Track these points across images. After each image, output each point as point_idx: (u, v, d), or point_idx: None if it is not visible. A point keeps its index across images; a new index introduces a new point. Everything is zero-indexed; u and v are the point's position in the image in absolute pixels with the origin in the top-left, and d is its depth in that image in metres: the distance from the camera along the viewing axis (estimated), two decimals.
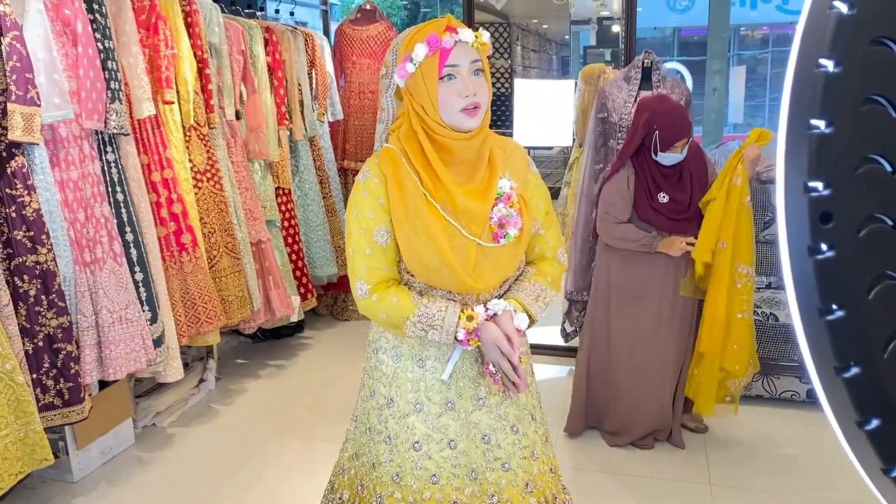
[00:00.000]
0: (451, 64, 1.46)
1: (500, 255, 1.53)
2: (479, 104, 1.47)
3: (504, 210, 1.53)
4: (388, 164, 1.50)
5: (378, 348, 1.67)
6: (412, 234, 1.47)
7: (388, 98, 1.60)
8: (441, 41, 1.44)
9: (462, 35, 1.46)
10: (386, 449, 1.62)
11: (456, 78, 1.46)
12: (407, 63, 1.47)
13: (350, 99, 4.63)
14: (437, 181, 1.49)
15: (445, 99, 1.46)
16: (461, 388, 1.59)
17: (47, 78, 2.44)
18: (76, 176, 2.60)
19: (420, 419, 1.59)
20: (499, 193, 1.54)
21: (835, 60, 0.51)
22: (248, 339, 4.25)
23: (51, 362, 2.46)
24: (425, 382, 1.59)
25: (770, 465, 2.85)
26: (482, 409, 1.60)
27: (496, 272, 1.53)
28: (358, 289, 1.54)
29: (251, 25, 3.70)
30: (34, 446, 2.33)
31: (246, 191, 3.54)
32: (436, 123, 1.47)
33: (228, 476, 2.86)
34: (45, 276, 2.43)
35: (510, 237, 1.52)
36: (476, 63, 1.48)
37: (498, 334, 1.51)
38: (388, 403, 1.62)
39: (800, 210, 0.52)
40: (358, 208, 1.53)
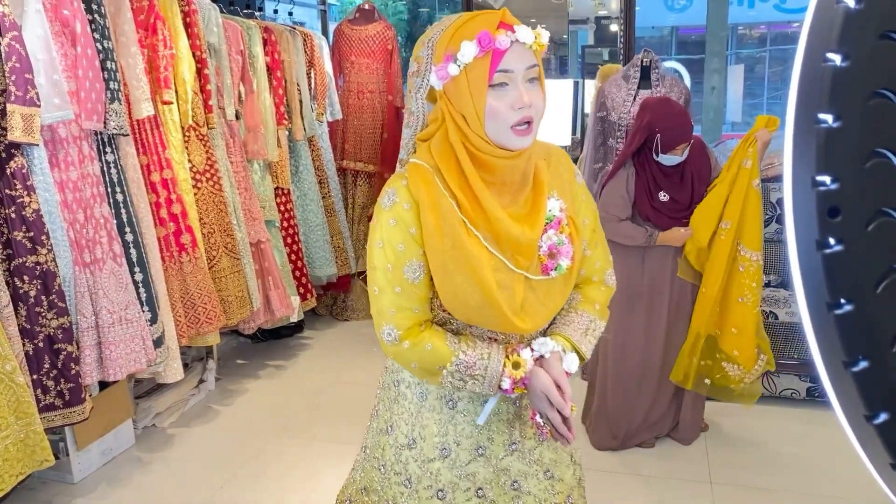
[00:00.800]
0: (504, 69, 1.22)
1: (550, 290, 1.33)
2: (532, 119, 1.25)
3: (555, 237, 1.32)
4: (420, 185, 1.27)
5: (400, 380, 1.46)
6: (452, 268, 1.25)
7: (419, 100, 1.37)
8: (495, 40, 1.20)
9: (520, 34, 1.22)
10: (405, 492, 1.44)
11: (508, 86, 1.23)
12: (449, 63, 1.24)
13: (349, 99, 4.63)
14: (476, 206, 1.27)
15: (494, 111, 1.23)
16: (493, 433, 1.41)
17: (47, 78, 2.44)
18: (76, 176, 2.60)
19: (446, 466, 1.40)
20: (548, 218, 1.32)
21: (842, 55, 0.51)
22: (248, 339, 4.25)
23: (51, 363, 2.46)
24: (454, 426, 1.40)
25: (771, 463, 2.85)
26: (514, 455, 1.42)
27: (546, 309, 1.33)
28: (386, 334, 1.32)
29: (250, 25, 3.70)
30: (35, 447, 2.33)
31: (245, 191, 3.53)
32: (478, 138, 1.25)
33: (229, 476, 2.86)
34: (45, 276, 2.43)
35: (562, 269, 1.32)
36: (533, 69, 1.25)
37: (547, 383, 1.31)
38: (409, 444, 1.43)
39: (808, 205, 0.52)
40: (385, 239, 1.29)
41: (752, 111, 13.39)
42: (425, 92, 1.36)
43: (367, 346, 4.25)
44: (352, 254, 4.59)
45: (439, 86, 1.28)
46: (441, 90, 1.28)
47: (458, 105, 1.26)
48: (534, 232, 1.29)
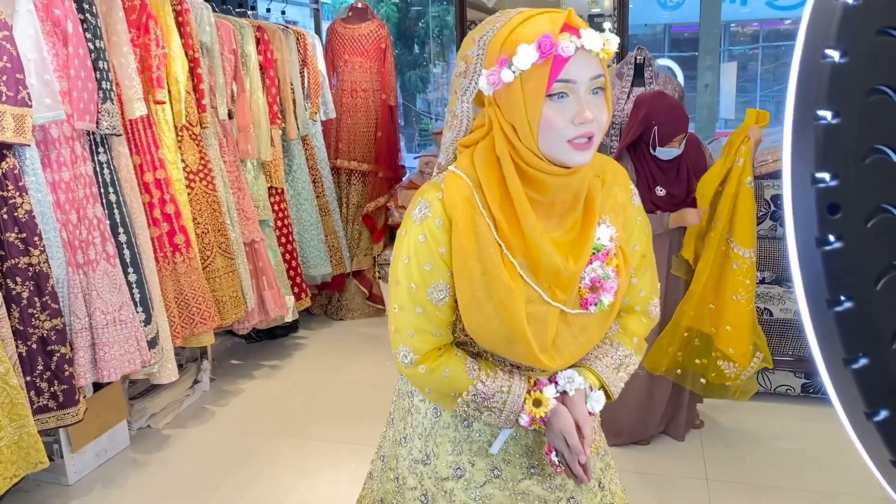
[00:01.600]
0: (565, 79, 1.09)
1: (587, 325, 1.22)
2: (593, 133, 1.11)
3: (599, 270, 1.20)
4: (457, 201, 1.16)
5: (413, 392, 1.38)
6: (480, 296, 1.15)
7: (465, 103, 1.24)
8: (557, 46, 1.07)
9: (586, 40, 1.08)
10: None
11: (569, 97, 1.10)
12: (503, 68, 1.11)
13: (342, 97, 4.62)
14: (516, 228, 1.15)
15: (551, 123, 1.10)
16: (510, 454, 1.32)
17: (38, 78, 2.42)
18: (68, 177, 2.58)
19: (460, 486, 1.32)
20: (596, 248, 1.21)
21: (841, 51, 0.51)
22: (243, 339, 4.24)
23: (44, 364, 2.44)
24: (469, 445, 1.32)
25: (766, 460, 2.86)
26: (532, 478, 1.33)
27: (578, 346, 1.23)
28: (402, 355, 1.24)
29: (242, 24, 3.69)
30: (29, 449, 2.31)
31: (239, 190, 3.52)
32: (530, 153, 1.13)
33: (224, 477, 2.85)
34: (38, 277, 2.41)
35: (602, 305, 1.21)
36: (598, 79, 1.11)
37: (567, 424, 1.21)
38: (424, 460, 1.36)
39: (807, 201, 0.52)
40: (411, 255, 1.20)
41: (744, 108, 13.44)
42: (472, 95, 1.22)
43: (362, 346, 4.24)
44: (346, 253, 4.58)
45: (489, 91, 1.15)
46: (490, 96, 1.16)
47: (508, 114, 1.14)
48: (578, 264, 1.18)
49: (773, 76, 13.83)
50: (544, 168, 1.13)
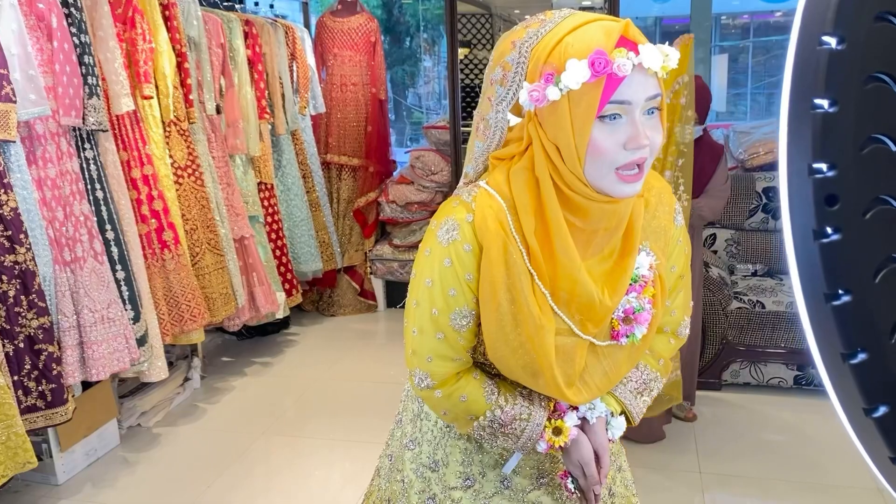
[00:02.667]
0: (619, 100, 0.98)
1: (617, 358, 1.15)
2: (645, 160, 1.01)
3: (635, 301, 1.12)
4: (489, 225, 1.07)
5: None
6: (508, 329, 1.07)
7: (501, 112, 1.11)
8: (612, 63, 0.95)
9: (645, 57, 0.96)
10: None
11: (623, 118, 0.99)
12: (549, 85, 1.00)
13: (332, 92, 4.58)
14: (550, 256, 1.07)
15: (600, 148, 0.99)
16: (519, 465, 1.28)
17: (22, 74, 2.39)
18: (54, 174, 2.55)
19: (469, 497, 1.28)
20: (633, 278, 1.12)
21: (838, 38, 0.49)
22: (233, 336, 4.21)
23: (32, 364, 2.42)
24: (481, 457, 1.27)
25: (759, 452, 2.86)
26: (542, 489, 1.28)
27: (606, 379, 1.16)
28: (419, 379, 1.17)
29: (230, 18, 3.65)
30: (17, 449, 2.29)
31: (228, 186, 3.49)
32: (573, 177, 1.03)
33: (216, 475, 2.83)
34: (25, 276, 2.38)
35: (635, 338, 1.13)
36: (655, 99, 1.01)
37: (587, 455, 1.17)
38: (432, 466, 1.30)
39: (804, 193, 0.51)
40: (435, 280, 1.10)
41: (736, 101, 13.44)
42: (509, 104, 1.10)
43: (353, 342, 4.23)
44: (337, 248, 4.56)
45: (531, 107, 1.04)
46: (533, 111, 1.05)
47: (553, 134, 1.03)
48: (614, 298, 1.10)
49: (765, 68, 13.84)
50: (589, 195, 1.03)
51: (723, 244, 3.78)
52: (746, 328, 3.29)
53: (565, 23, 1.02)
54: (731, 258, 3.78)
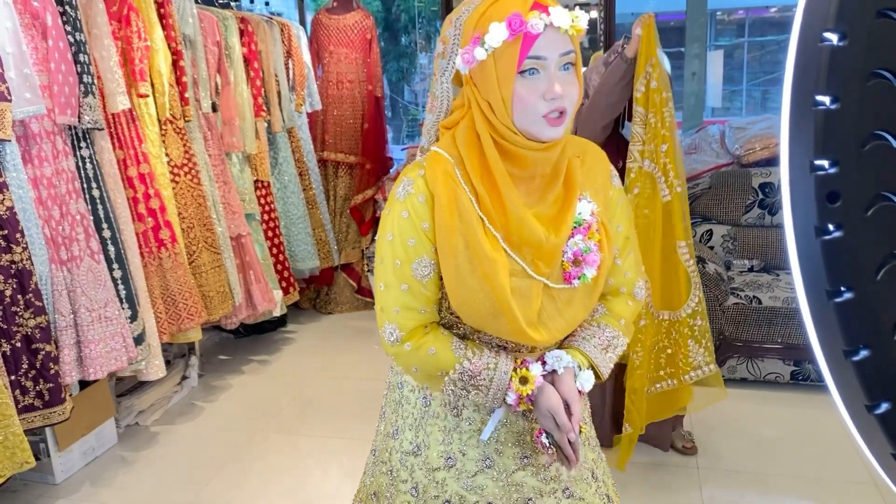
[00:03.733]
0: (535, 55, 1.12)
1: (572, 300, 1.23)
2: (565, 109, 1.14)
3: (582, 243, 1.21)
4: (439, 177, 1.19)
5: (403, 383, 1.39)
6: (464, 270, 1.16)
7: (444, 84, 1.28)
8: (526, 23, 1.10)
9: (555, 17, 1.10)
10: (412, 500, 1.37)
11: (540, 73, 1.13)
12: (476, 47, 1.14)
13: (328, 89, 4.57)
14: (498, 203, 1.17)
15: (523, 99, 1.13)
16: (502, 444, 1.31)
17: (17, 72, 2.37)
18: (50, 172, 2.54)
19: (452, 476, 1.32)
20: (577, 221, 1.22)
21: (840, 34, 0.49)
22: (231, 334, 4.21)
23: (29, 363, 2.41)
24: (460, 434, 1.32)
25: (756, 447, 2.87)
26: (526, 469, 1.32)
27: (564, 321, 1.23)
28: (388, 333, 1.24)
29: (226, 16, 3.64)
30: (14, 449, 2.28)
31: (224, 184, 3.49)
32: (506, 128, 1.16)
33: (214, 473, 2.83)
34: (21, 275, 2.38)
35: (586, 279, 1.21)
36: (568, 55, 1.14)
37: (555, 402, 1.20)
38: (414, 451, 1.35)
39: (806, 190, 0.51)
40: (395, 232, 1.21)
41: (731, 97, 13.45)
42: (451, 75, 1.26)
43: (351, 340, 4.22)
44: (334, 246, 4.55)
45: (465, 70, 1.19)
46: (467, 75, 1.20)
47: (484, 91, 1.17)
48: (559, 236, 1.19)
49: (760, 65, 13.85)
50: (521, 143, 1.16)
51: (719, 240, 3.79)
52: (743, 324, 3.30)
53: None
54: (727, 254, 3.78)
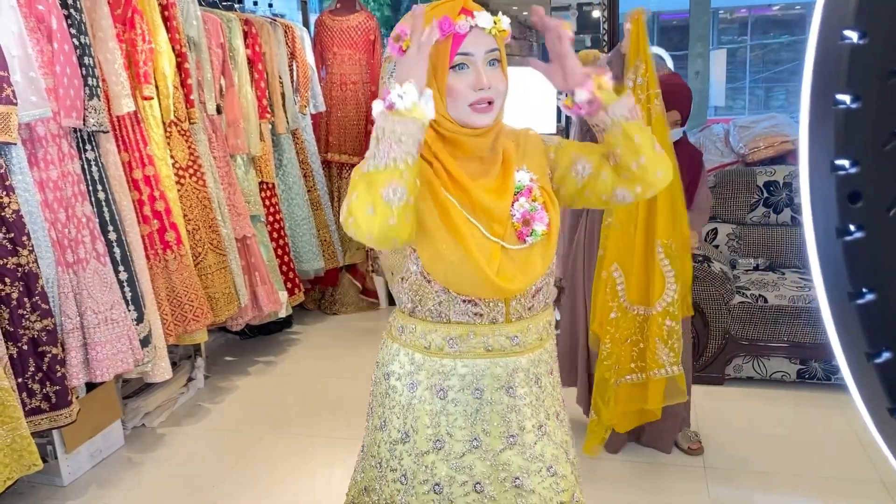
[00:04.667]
0: (464, 52, 1.28)
1: (529, 257, 1.33)
2: (492, 99, 1.30)
3: (527, 205, 1.34)
4: None
5: (389, 373, 1.45)
6: (432, 226, 1.29)
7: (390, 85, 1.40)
8: (455, 25, 1.26)
9: (479, 19, 1.28)
10: (401, 489, 1.41)
11: (469, 68, 1.29)
12: None
13: (332, 90, 4.57)
14: (449, 176, 1.31)
15: (453, 90, 1.29)
16: (488, 424, 1.38)
17: (23, 75, 2.38)
18: (56, 175, 2.54)
19: (441, 458, 1.38)
20: (518, 187, 1.35)
21: (860, 32, 0.49)
22: (236, 335, 4.21)
23: (36, 366, 2.41)
24: (446, 416, 1.38)
25: (763, 446, 2.86)
26: (513, 449, 1.39)
27: (525, 274, 1.32)
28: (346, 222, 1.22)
29: (230, 18, 3.64)
30: (22, 452, 2.28)
31: (229, 186, 3.49)
32: (442, 117, 1.31)
33: (221, 474, 2.83)
34: (28, 278, 2.38)
35: (537, 234, 1.33)
36: (493, 52, 1.31)
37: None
38: (402, 438, 1.41)
39: (827, 190, 0.50)
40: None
41: (734, 95, 13.42)
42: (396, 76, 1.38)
43: (356, 340, 4.22)
44: (339, 247, 4.55)
45: None
46: None
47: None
48: (504, 201, 1.32)
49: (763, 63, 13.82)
50: (457, 130, 1.31)
51: (724, 239, 3.78)
52: (749, 323, 3.29)
53: (427, 7, 1.30)
54: (732, 253, 3.77)
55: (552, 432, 1.43)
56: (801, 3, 13.97)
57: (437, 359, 1.38)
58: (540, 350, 1.42)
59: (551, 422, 1.44)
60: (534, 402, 1.41)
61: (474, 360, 1.37)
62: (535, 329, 1.41)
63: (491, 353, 1.37)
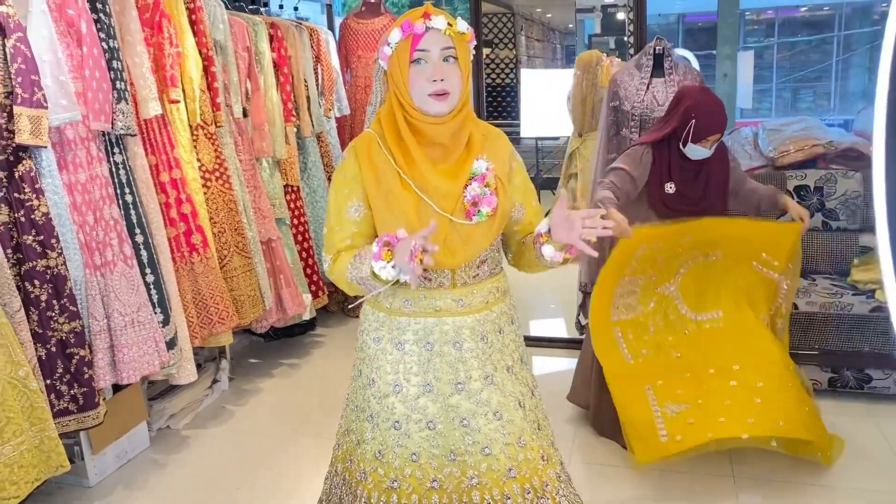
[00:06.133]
0: (421, 48, 1.52)
1: (473, 233, 1.57)
2: (446, 90, 1.52)
3: (478, 189, 1.56)
4: (364, 145, 1.59)
5: (363, 330, 1.73)
6: (384, 209, 1.55)
7: (378, 83, 1.66)
8: (413, 26, 1.51)
9: (434, 22, 1.52)
10: (369, 427, 1.69)
11: (426, 63, 1.52)
12: (385, 46, 1.56)
13: (356, 94, 4.58)
14: (410, 160, 1.55)
15: (415, 82, 1.52)
16: (438, 372, 1.64)
17: (53, 79, 2.40)
18: (84, 178, 2.56)
19: (399, 399, 1.65)
20: (473, 173, 1.58)
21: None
22: (260, 337, 4.22)
23: (64, 367, 2.43)
24: (404, 365, 1.65)
25: (793, 456, 2.80)
26: (461, 394, 1.64)
27: (467, 248, 1.57)
28: (324, 263, 1.64)
29: (256, 21, 3.65)
30: (50, 453, 2.30)
31: (255, 189, 3.50)
32: (409, 106, 1.54)
33: (245, 477, 2.83)
34: (56, 280, 2.40)
35: (482, 215, 1.56)
36: (448, 50, 1.53)
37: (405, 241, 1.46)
38: (370, 384, 1.70)
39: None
40: (335, 188, 1.62)
41: (761, 98, 13.26)
42: (381, 75, 1.64)
43: None
44: None
45: (384, 66, 1.58)
46: (386, 70, 1.58)
47: (393, 80, 1.56)
48: (456, 183, 1.56)
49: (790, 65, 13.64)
50: (421, 118, 1.54)
51: None
52: None
53: (402, 16, 1.56)
54: None
55: (501, 383, 1.66)
56: (829, 4, 13.78)
57: (395, 317, 1.65)
58: (486, 311, 1.66)
59: (499, 374, 1.67)
60: (480, 356, 1.64)
61: (425, 318, 1.62)
62: (481, 293, 1.65)
63: (439, 312, 1.62)
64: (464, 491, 1.64)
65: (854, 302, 3.17)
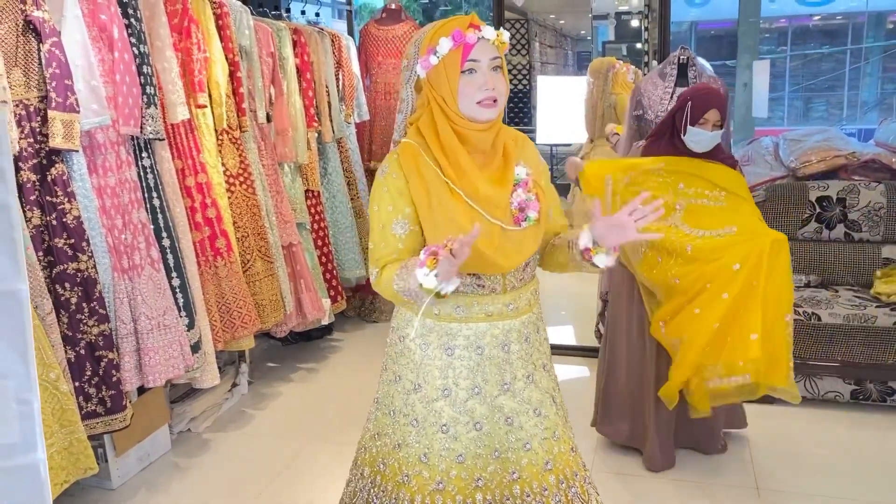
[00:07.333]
0: (472, 59, 1.54)
1: (523, 238, 1.61)
2: (496, 98, 1.56)
3: (523, 195, 1.61)
4: (408, 158, 1.58)
5: (404, 336, 1.72)
6: (438, 222, 1.55)
7: (408, 89, 1.67)
8: (465, 36, 1.53)
9: (485, 32, 1.55)
10: (413, 431, 1.69)
11: (476, 72, 1.55)
12: (431, 55, 1.56)
13: (376, 100, 4.59)
14: (458, 168, 1.56)
15: (465, 91, 1.54)
16: (487, 374, 1.67)
17: (85, 84, 2.42)
18: (113, 182, 2.58)
19: (448, 403, 1.67)
20: (516, 180, 1.62)
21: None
22: (278, 341, 4.23)
23: (93, 370, 2.44)
24: (453, 370, 1.66)
25: (815, 468, 2.79)
26: (506, 394, 1.68)
27: (520, 252, 1.61)
28: (371, 275, 1.64)
29: (280, 27, 3.67)
30: (79, 455, 2.31)
31: (277, 194, 3.51)
32: (455, 114, 1.56)
33: (265, 481, 2.84)
34: (86, 283, 2.41)
35: (531, 220, 1.61)
36: (496, 60, 1.57)
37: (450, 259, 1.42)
38: (414, 389, 1.69)
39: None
40: (378, 203, 1.61)
41: (773, 107, 13.22)
42: (412, 82, 1.65)
43: None
44: None
45: (423, 75, 1.59)
46: (425, 79, 1.59)
47: (438, 88, 1.57)
48: (503, 190, 1.59)
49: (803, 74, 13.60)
50: (466, 125, 1.56)
51: None
52: (801, 341, 3.21)
53: (440, 23, 1.58)
54: None
55: (538, 381, 1.72)
56: (842, 14, 13.74)
57: (445, 323, 1.65)
58: (529, 313, 1.70)
59: (538, 372, 1.73)
60: (524, 356, 1.70)
61: (477, 323, 1.64)
62: (525, 296, 1.69)
63: (490, 317, 1.65)
64: (505, 486, 1.69)
65: (877, 314, 3.16)
